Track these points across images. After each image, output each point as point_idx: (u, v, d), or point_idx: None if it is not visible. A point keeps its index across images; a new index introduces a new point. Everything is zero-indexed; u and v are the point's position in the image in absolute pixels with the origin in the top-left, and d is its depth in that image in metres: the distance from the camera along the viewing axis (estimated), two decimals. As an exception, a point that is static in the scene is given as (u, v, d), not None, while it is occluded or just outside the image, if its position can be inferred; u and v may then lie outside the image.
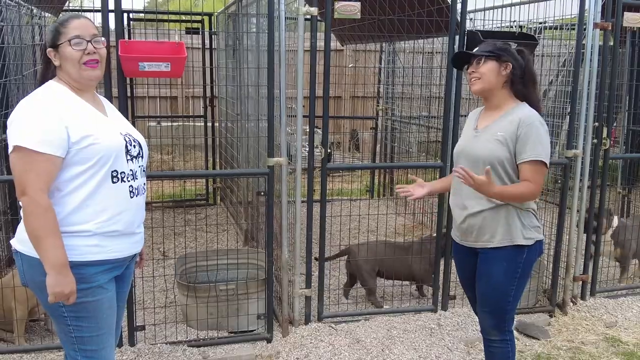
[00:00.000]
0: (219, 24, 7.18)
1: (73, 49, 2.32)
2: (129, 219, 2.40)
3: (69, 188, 2.26)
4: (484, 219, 2.94)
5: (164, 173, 5.55)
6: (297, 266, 4.15)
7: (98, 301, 2.36)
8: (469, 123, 3.15)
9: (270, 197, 3.87)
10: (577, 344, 4.17)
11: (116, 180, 2.34)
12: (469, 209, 2.98)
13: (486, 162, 2.86)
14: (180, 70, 3.50)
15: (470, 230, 3.00)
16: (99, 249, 2.32)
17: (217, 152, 7.68)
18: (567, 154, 4.43)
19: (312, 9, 3.80)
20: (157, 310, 4.33)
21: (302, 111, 3.95)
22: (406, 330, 4.13)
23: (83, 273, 2.29)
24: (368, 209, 5.98)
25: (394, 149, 7.62)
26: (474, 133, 3.02)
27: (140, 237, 2.54)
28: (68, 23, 2.34)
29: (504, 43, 2.99)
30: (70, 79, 2.37)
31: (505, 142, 2.86)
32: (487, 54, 2.91)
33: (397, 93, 7.49)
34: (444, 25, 4.36)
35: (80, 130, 2.25)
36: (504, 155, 2.87)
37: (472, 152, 2.97)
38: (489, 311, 3.07)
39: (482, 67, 2.91)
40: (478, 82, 2.93)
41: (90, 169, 2.27)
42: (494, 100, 2.98)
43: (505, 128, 2.88)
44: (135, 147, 2.46)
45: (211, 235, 6.20)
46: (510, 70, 2.91)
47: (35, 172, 2.17)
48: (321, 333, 4.09)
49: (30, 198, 2.17)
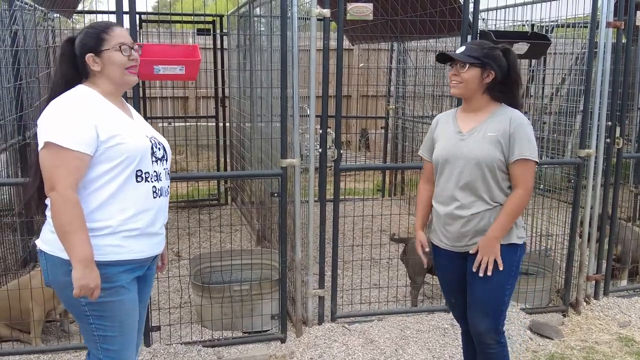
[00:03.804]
0: (230, 25, 7.21)
1: (122, 54, 2.38)
2: (151, 219, 2.43)
3: (95, 186, 2.31)
4: (480, 221, 2.88)
5: (180, 175, 5.58)
6: (311, 266, 4.17)
7: (120, 301, 2.39)
8: (445, 127, 3.04)
9: (284, 198, 3.89)
10: (591, 343, 4.16)
11: (140, 179, 2.38)
12: (462, 214, 2.90)
13: (480, 163, 2.83)
14: (195, 73, 3.52)
15: (465, 234, 2.92)
16: (120, 249, 2.35)
17: (229, 153, 7.71)
18: (580, 154, 4.42)
19: (324, 10, 3.81)
20: (172, 311, 4.36)
21: (315, 111, 3.97)
22: (419, 331, 4.14)
23: (105, 273, 2.32)
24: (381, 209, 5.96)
25: (404, 148, 7.63)
26: (458, 137, 2.93)
27: (162, 239, 2.57)
28: (112, 30, 2.40)
29: (490, 47, 2.87)
30: (110, 84, 2.42)
31: (497, 142, 2.83)
32: (471, 60, 2.83)
33: (408, 92, 7.48)
34: (456, 25, 4.36)
35: (109, 129, 2.30)
36: (498, 155, 2.83)
37: (462, 155, 2.88)
38: (485, 314, 2.96)
39: (464, 74, 2.84)
40: (459, 86, 2.88)
41: (116, 167, 2.32)
42: (474, 103, 2.94)
43: (495, 128, 2.85)
44: (160, 149, 2.50)
45: (224, 236, 6.23)
46: (492, 78, 2.86)
47: (65, 169, 2.22)
48: (335, 333, 4.10)
49: (59, 194, 2.21)
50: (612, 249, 4.86)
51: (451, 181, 2.93)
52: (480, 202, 2.88)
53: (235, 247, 5.72)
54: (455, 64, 2.89)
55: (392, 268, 5.09)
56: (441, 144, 3.00)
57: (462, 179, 2.89)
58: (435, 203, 3.05)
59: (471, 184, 2.87)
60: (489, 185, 2.87)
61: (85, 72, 2.43)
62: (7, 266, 4.67)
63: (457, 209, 2.91)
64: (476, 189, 2.87)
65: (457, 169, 2.89)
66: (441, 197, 3.00)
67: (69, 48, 2.43)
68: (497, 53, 2.86)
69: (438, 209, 3.02)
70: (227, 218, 6.95)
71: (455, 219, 2.93)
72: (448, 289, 3.19)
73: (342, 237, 5.84)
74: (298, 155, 3.93)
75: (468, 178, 2.87)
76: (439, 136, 3.05)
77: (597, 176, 4.56)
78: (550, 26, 5.49)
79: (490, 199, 2.88)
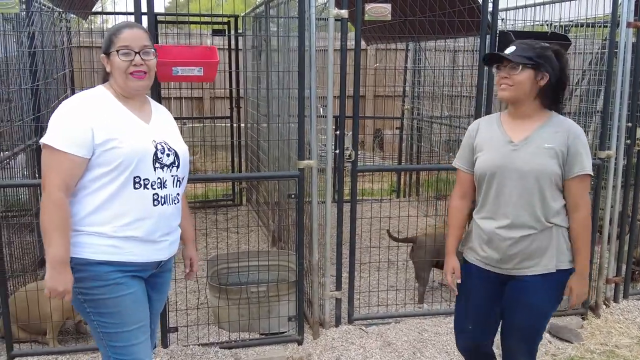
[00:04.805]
0: (245, 26, 7.21)
1: (120, 59, 2.37)
2: (150, 228, 2.39)
3: (92, 188, 2.31)
4: (531, 243, 2.62)
5: (196, 176, 5.60)
6: (328, 268, 4.15)
7: (119, 298, 2.36)
8: (489, 134, 2.75)
9: (301, 200, 3.88)
10: (611, 347, 4.11)
11: (138, 186, 2.35)
12: (511, 235, 2.63)
13: (538, 177, 2.58)
14: (213, 75, 3.52)
15: (512, 257, 2.65)
16: (115, 250, 2.34)
17: (244, 153, 7.71)
18: (600, 155, 4.37)
19: (342, 11, 3.79)
20: (189, 312, 4.36)
21: (332, 112, 3.96)
22: (437, 333, 4.11)
23: (97, 271, 2.32)
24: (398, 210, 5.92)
25: (419, 149, 7.59)
26: (510, 147, 2.65)
27: (166, 246, 2.49)
28: (120, 33, 2.39)
29: (542, 47, 2.61)
30: (117, 86, 2.43)
31: (556, 154, 2.58)
32: (525, 61, 2.57)
33: (424, 92, 7.45)
34: (474, 25, 4.32)
35: (106, 133, 2.29)
36: (556, 170, 2.58)
37: (516, 168, 2.60)
38: (524, 341, 2.76)
39: (517, 76, 2.57)
40: (510, 89, 2.60)
41: (111, 172, 2.30)
42: (524, 109, 2.66)
43: (552, 139, 2.60)
44: (170, 156, 2.44)
45: (239, 236, 6.23)
46: (547, 82, 2.60)
47: (55, 170, 2.25)
48: (352, 335, 4.08)
49: (47, 193, 2.25)
50: (632, 251, 4.81)
51: (501, 197, 2.65)
52: (534, 221, 2.61)
53: (250, 247, 5.72)
54: (504, 66, 2.61)
55: (409, 270, 5.06)
56: (488, 155, 2.70)
57: (515, 195, 2.62)
58: (479, 218, 2.77)
59: (526, 201, 2.60)
60: (546, 203, 2.61)
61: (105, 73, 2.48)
62: (25, 267, 4.69)
63: (507, 229, 2.64)
64: (531, 206, 2.61)
65: (510, 183, 2.62)
66: (487, 212, 2.72)
67: None
68: (550, 54, 2.61)
69: (482, 225, 2.73)
70: (242, 219, 6.94)
71: (503, 239, 2.66)
72: (472, 313, 2.85)
73: (359, 239, 5.82)
74: (315, 156, 3.91)
75: (523, 194, 2.60)
76: (483, 145, 2.74)
77: (617, 178, 4.50)
78: (567, 26, 5.44)
79: (545, 218, 2.61)
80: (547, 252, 2.64)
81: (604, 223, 4.59)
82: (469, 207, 2.86)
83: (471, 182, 2.82)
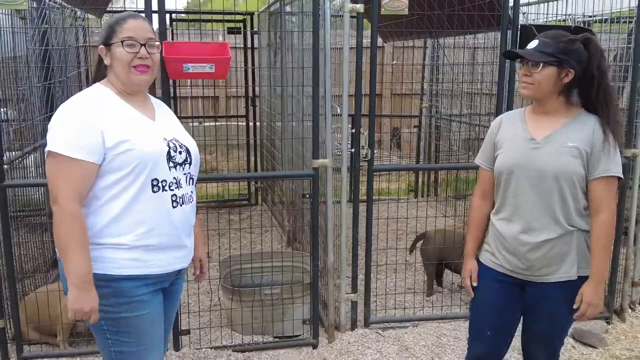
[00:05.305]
0: (261, 23, 7.13)
1: (124, 50, 2.20)
2: (171, 232, 2.25)
3: (107, 197, 2.15)
4: (552, 248, 2.48)
5: (210, 176, 5.54)
6: (343, 269, 4.05)
7: (139, 317, 2.22)
8: (510, 131, 2.60)
9: (316, 200, 3.78)
10: (637, 352, 3.97)
11: (157, 189, 2.19)
12: (530, 240, 2.49)
13: (558, 178, 2.43)
14: (225, 72, 3.43)
15: (533, 262, 2.51)
16: (139, 263, 2.19)
17: (259, 152, 7.64)
18: (626, 154, 4.22)
19: (357, 5, 3.70)
20: (202, 314, 4.29)
21: (348, 110, 3.86)
22: (457, 338, 4.00)
23: (121, 287, 2.17)
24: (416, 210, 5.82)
25: (438, 148, 7.46)
26: (531, 144, 2.50)
27: (188, 251, 2.38)
28: (124, 22, 2.22)
29: (569, 40, 2.41)
30: (117, 81, 2.26)
31: (579, 154, 2.42)
32: (546, 58, 2.40)
33: (442, 90, 7.32)
34: (495, 20, 4.20)
35: (116, 135, 2.12)
36: (579, 170, 2.42)
37: (535, 167, 2.46)
38: (546, 347, 2.66)
39: (537, 74, 2.42)
40: (530, 87, 2.46)
41: (126, 176, 2.14)
42: (548, 105, 2.51)
43: (577, 137, 2.44)
44: (182, 153, 2.30)
45: (254, 237, 6.15)
46: (572, 78, 2.44)
47: (65, 179, 2.07)
48: (368, 339, 3.98)
49: (59, 206, 2.06)
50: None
51: (520, 197, 2.51)
52: (554, 224, 2.46)
53: (265, 248, 5.64)
54: (526, 63, 2.46)
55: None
56: (508, 152, 2.56)
57: (533, 196, 2.48)
58: (497, 220, 2.63)
59: (545, 203, 2.46)
60: (567, 205, 2.45)
61: (104, 66, 2.29)
62: (38, 267, 4.65)
63: (525, 232, 2.51)
64: (551, 209, 2.46)
65: (528, 183, 2.48)
66: (505, 213, 2.58)
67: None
68: (577, 46, 2.41)
69: (500, 228, 2.60)
70: (258, 218, 6.87)
71: (521, 244, 2.52)
72: (488, 318, 2.71)
73: (375, 239, 5.71)
74: (330, 155, 3.82)
75: (542, 195, 2.46)
76: (504, 141, 2.60)
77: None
78: (589, 21, 5.29)
79: (566, 221, 2.47)
80: (567, 258, 2.49)
81: (629, 224, 4.44)
82: (490, 207, 2.73)
83: (492, 181, 2.68)
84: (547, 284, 2.53)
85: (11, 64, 4.41)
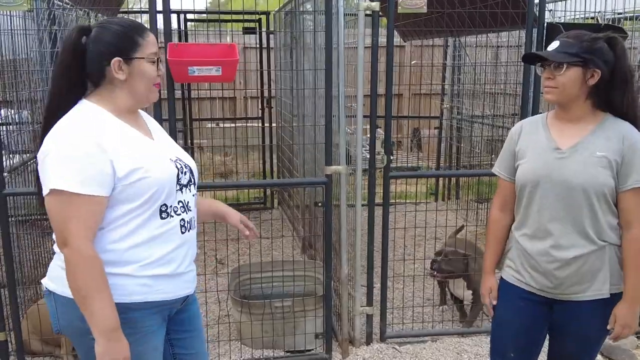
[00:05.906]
0: (276, 23, 6.97)
1: (152, 67, 2.00)
2: (179, 258, 2.05)
3: (112, 226, 1.92)
4: (582, 265, 2.30)
5: (221, 183, 5.43)
6: (358, 280, 3.86)
7: (147, 350, 2.01)
8: (532, 138, 2.41)
9: (329, 209, 3.60)
10: (671, 370, 3.74)
11: (165, 215, 1.98)
12: (558, 256, 2.31)
13: (587, 190, 2.24)
14: (232, 74, 3.27)
15: (562, 281, 2.33)
16: (147, 289, 1.97)
17: (275, 155, 7.49)
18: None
19: (373, 3, 3.51)
20: (211, 325, 4.13)
21: (363, 111, 3.67)
22: (478, 355, 3.79)
23: (132, 317, 1.94)
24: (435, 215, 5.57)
25: (459, 149, 7.22)
26: (556, 154, 2.31)
27: (192, 277, 2.16)
28: (147, 35, 1.98)
29: (592, 39, 2.25)
30: (130, 98, 2.00)
31: (609, 164, 2.24)
32: (569, 59, 2.23)
33: (464, 90, 7.09)
34: (519, 18, 3.99)
35: (128, 163, 1.88)
36: (609, 181, 2.24)
37: (562, 179, 2.28)
38: None
39: (561, 76, 2.24)
40: (554, 92, 2.28)
41: (140, 207, 1.92)
42: (574, 110, 2.32)
43: (605, 146, 2.25)
44: (186, 173, 2.08)
45: (268, 242, 5.98)
46: (599, 80, 2.25)
47: (77, 219, 1.82)
48: (384, 355, 3.79)
49: (72, 249, 1.82)
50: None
51: (545, 211, 2.32)
52: (583, 240, 2.29)
53: (279, 254, 5.47)
54: (548, 65, 2.29)
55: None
56: (531, 163, 2.37)
57: (561, 210, 2.29)
58: (520, 235, 2.45)
59: (573, 217, 2.28)
60: (597, 219, 2.27)
61: (96, 79, 1.97)
62: (44, 272, 4.53)
63: (553, 249, 2.32)
64: (580, 223, 2.28)
65: (554, 196, 2.30)
66: (529, 229, 2.40)
67: (80, 42, 1.93)
68: (601, 45, 2.24)
69: (524, 244, 2.42)
70: (273, 223, 6.71)
71: (549, 261, 2.34)
72: (512, 339, 2.52)
73: (392, 247, 5.50)
74: (344, 160, 3.63)
75: (570, 209, 2.28)
76: (526, 150, 2.41)
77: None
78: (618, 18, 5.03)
79: (597, 236, 2.28)
80: (599, 275, 2.31)
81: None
82: (510, 219, 2.54)
83: (512, 192, 2.49)
84: (578, 302, 2.35)
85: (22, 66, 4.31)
